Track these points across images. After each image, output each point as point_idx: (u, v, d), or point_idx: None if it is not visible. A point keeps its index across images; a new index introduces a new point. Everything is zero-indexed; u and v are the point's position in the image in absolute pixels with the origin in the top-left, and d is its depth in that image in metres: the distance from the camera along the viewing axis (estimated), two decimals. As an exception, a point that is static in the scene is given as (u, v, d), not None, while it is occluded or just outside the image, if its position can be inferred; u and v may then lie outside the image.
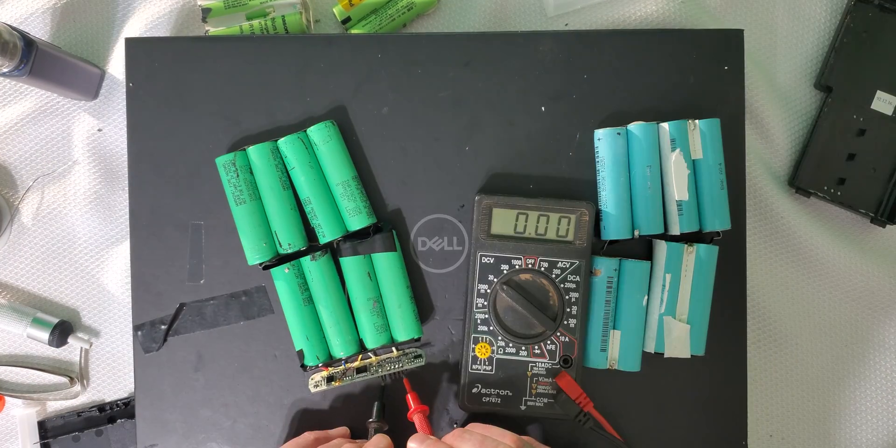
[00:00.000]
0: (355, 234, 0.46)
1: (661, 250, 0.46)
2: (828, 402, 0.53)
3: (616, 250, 0.47)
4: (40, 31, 0.54)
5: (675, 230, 0.45)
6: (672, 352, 0.46)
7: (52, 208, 0.54)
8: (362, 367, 0.47)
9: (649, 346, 0.46)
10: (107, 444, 0.52)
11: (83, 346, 0.53)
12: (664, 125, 0.45)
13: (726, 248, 0.47)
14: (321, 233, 0.46)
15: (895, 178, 0.52)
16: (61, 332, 0.52)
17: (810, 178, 0.53)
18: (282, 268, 0.46)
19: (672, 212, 0.45)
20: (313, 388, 0.47)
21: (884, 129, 0.52)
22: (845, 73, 0.53)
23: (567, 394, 0.45)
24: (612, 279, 0.46)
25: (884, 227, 0.53)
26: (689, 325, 0.46)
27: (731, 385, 0.47)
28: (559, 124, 0.48)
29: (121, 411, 0.53)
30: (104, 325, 0.54)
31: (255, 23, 0.51)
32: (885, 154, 0.52)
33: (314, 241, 0.47)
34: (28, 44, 0.46)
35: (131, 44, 0.48)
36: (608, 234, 0.46)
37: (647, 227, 0.45)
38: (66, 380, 0.53)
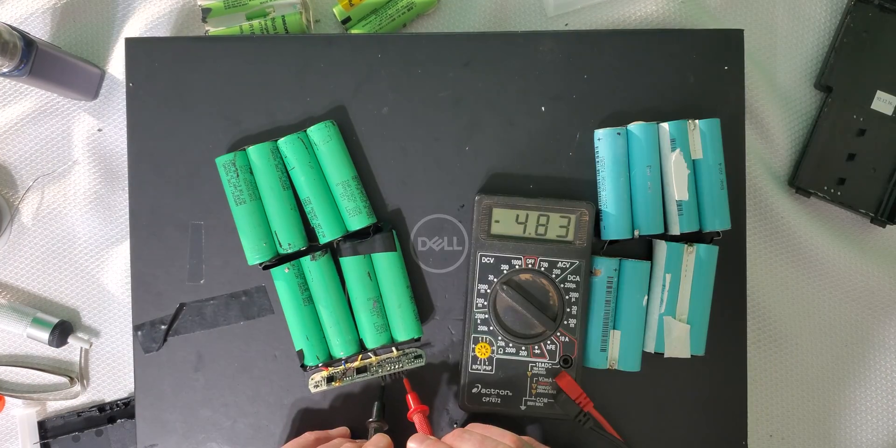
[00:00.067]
0: (355, 234, 0.46)
1: (661, 250, 0.46)
2: (828, 402, 0.53)
3: (616, 250, 0.47)
4: (40, 31, 0.54)
5: (675, 230, 0.45)
6: (672, 352, 0.46)
7: (52, 208, 0.54)
8: (362, 367, 0.47)
9: (649, 346, 0.46)
10: (107, 444, 0.52)
11: (83, 346, 0.53)
12: (664, 125, 0.45)
13: (726, 248, 0.47)
14: (321, 233, 0.46)
15: (895, 178, 0.52)
16: (61, 332, 0.52)
17: (810, 178, 0.53)
18: (282, 268, 0.46)
19: (672, 212, 0.45)
20: (313, 388, 0.47)
21: (884, 129, 0.52)
22: (845, 73, 0.53)
23: (567, 394, 0.45)
24: (612, 279, 0.46)
25: (884, 227, 0.53)
26: (689, 325, 0.46)
27: (731, 385, 0.47)
28: (559, 124, 0.48)
29: (121, 411, 0.53)
30: (104, 325, 0.54)
31: (255, 23, 0.51)
32: (885, 154, 0.52)
33: (314, 241, 0.47)
34: (28, 44, 0.46)
35: (131, 44, 0.48)
36: (608, 234, 0.46)
37: (647, 227, 0.45)
38: (66, 380, 0.53)
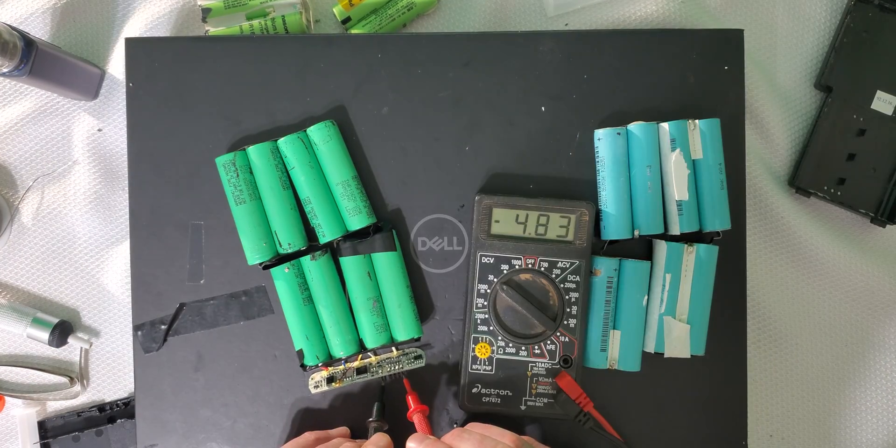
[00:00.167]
0: (355, 233, 0.46)
1: (661, 250, 0.46)
2: (828, 402, 0.53)
3: (616, 250, 0.47)
4: (40, 31, 0.54)
5: (675, 230, 0.45)
6: (672, 352, 0.46)
7: (52, 208, 0.54)
8: (362, 367, 0.47)
9: (649, 346, 0.46)
10: (107, 444, 0.52)
11: (83, 346, 0.53)
12: (664, 125, 0.45)
13: (726, 248, 0.47)
14: (321, 232, 0.46)
15: (895, 178, 0.52)
16: (61, 332, 0.52)
17: (810, 178, 0.53)
18: (282, 268, 0.46)
19: (672, 212, 0.45)
20: (313, 388, 0.47)
21: (884, 129, 0.52)
22: (845, 73, 0.53)
23: (567, 394, 0.45)
24: (612, 279, 0.46)
25: (884, 227, 0.53)
26: (689, 325, 0.45)
27: (731, 385, 0.47)
28: (559, 124, 0.48)
29: (121, 411, 0.53)
30: (104, 325, 0.54)
31: (255, 23, 0.51)
32: (885, 154, 0.52)
33: (314, 240, 0.47)
34: (28, 44, 0.46)
35: (131, 44, 0.48)
36: (608, 234, 0.46)
37: (647, 227, 0.45)
38: (66, 380, 0.53)
